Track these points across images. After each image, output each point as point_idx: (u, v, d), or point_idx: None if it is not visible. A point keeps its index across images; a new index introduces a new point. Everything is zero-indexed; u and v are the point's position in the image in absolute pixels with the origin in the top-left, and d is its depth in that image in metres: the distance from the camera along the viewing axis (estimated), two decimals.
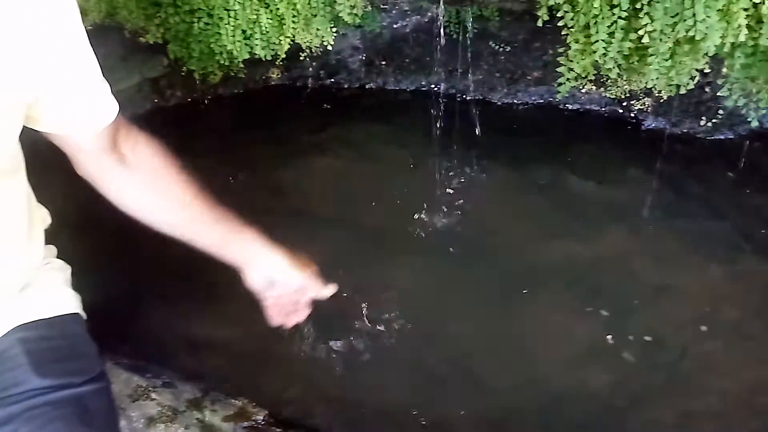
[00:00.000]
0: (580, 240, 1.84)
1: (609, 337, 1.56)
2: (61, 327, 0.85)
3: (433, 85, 2.40)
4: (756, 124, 1.80)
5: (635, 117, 2.16)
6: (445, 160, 2.11)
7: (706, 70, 1.61)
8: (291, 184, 2.06)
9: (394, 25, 2.31)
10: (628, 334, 1.55)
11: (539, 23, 1.63)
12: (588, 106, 2.23)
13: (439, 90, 2.36)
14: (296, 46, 1.95)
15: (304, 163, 2.15)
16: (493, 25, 2.22)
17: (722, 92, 1.70)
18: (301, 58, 2.10)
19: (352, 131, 2.28)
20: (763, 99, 1.67)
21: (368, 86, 2.45)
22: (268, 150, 2.20)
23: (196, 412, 1.27)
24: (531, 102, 2.32)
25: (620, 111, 2.17)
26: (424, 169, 2.09)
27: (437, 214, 1.93)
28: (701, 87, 1.90)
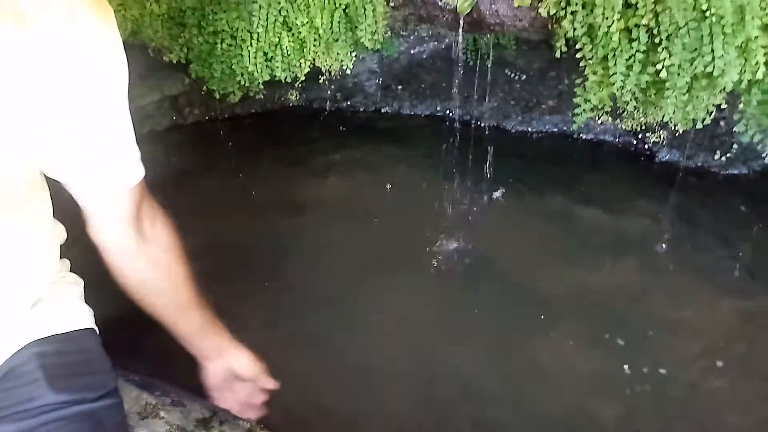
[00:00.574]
0: (591, 270, 1.83)
1: (620, 369, 1.54)
2: (76, 342, 0.86)
3: (448, 111, 2.43)
4: None
5: (649, 149, 2.17)
6: (458, 186, 2.12)
7: (723, 106, 1.62)
8: (304, 205, 2.07)
9: (412, 51, 2.34)
10: (639, 367, 1.54)
11: (557, 54, 1.66)
12: (602, 137, 2.24)
13: (454, 116, 2.38)
14: (316, 69, 1.99)
15: (319, 184, 2.17)
16: (509, 54, 2.24)
17: (738, 128, 1.70)
18: (320, 81, 2.13)
19: (367, 154, 2.29)
20: None
21: (384, 110, 2.47)
22: (283, 170, 2.22)
23: None
24: (545, 130, 2.34)
25: (634, 142, 2.18)
26: (437, 194, 2.10)
27: (449, 240, 1.94)
28: (716, 121, 1.90)
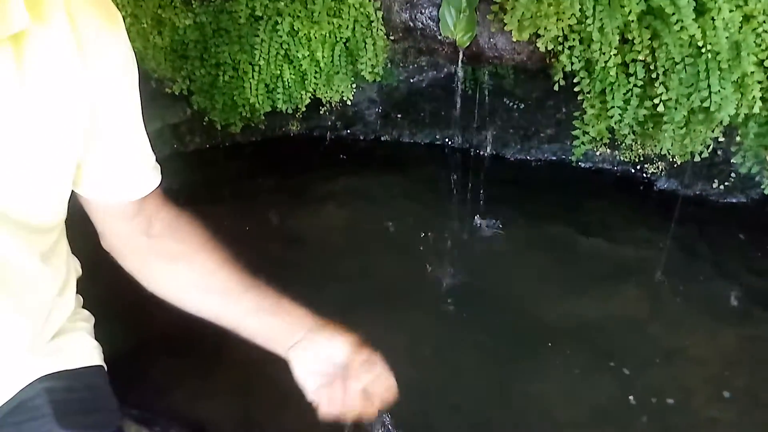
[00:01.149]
0: (592, 299, 1.84)
1: (625, 399, 1.55)
2: (85, 379, 0.87)
3: (447, 140, 2.45)
4: None
5: (648, 178, 2.19)
6: (457, 214, 2.13)
7: (720, 139, 1.64)
8: (304, 234, 2.07)
9: (411, 80, 2.36)
10: (645, 397, 1.54)
11: (555, 87, 1.68)
12: (601, 165, 2.26)
13: (453, 144, 2.40)
14: (316, 100, 2.01)
15: (318, 212, 2.18)
16: (507, 83, 2.27)
17: (736, 159, 1.72)
18: (321, 112, 2.15)
19: (367, 182, 2.31)
20: None
21: (384, 138, 2.49)
22: (283, 198, 2.23)
23: None
24: (544, 159, 2.36)
25: (633, 171, 2.20)
26: (436, 223, 2.11)
27: (448, 268, 1.94)
28: (714, 150, 1.92)
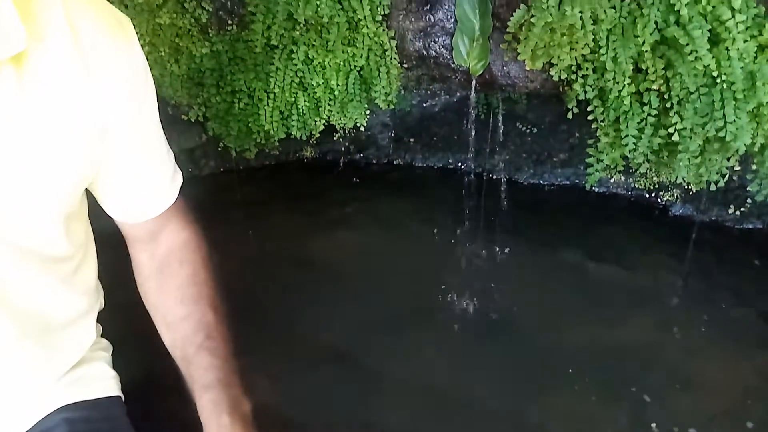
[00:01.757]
0: (608, 325, 1.82)
1: (641, 427, 1.52)
2: (104, 410, 0.87)
3: (460, 163, 2.45)
4: None
5: (663, 203, 2.17)
6: (470, 238, 2.13)
7: (736, 167, 1.63)
8: (317, 257, 2.08)
9: (424, 104, 2.37)
10: (661, 424, 1.52)
11: (568, 115, 1.68)
12: (615, 190, 2.25)
13: (466, 168, 2.40)
14: (330, 126, 2.02)
15: (331, 235, 2.18)
16: (520, 108, 2.27)
17: (752, 187, 1.71)
18: (334, 137, 2.16)
19: (380, 206, 2.31)
20: None
21: (396, 162, 2.50)
22: (297, 222, 2.24)
23: None
24: (557, 183, 2.35)
25: (648, 196, 2.19)
26: (449, 246, 2.11)
27: (461, 293, 1.94)
28: (730, 176, 1.91)
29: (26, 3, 0.60)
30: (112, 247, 0.86)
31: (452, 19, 1.77)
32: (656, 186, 2.09)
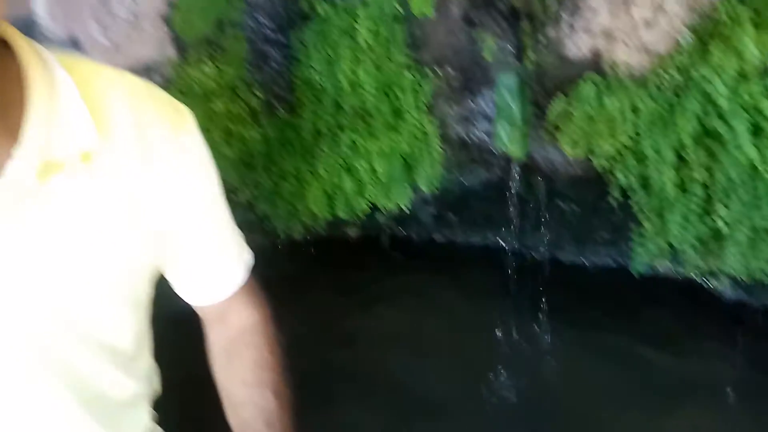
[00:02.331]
0: (655, 414, 1.75)
1: None
2: None
3: (501, 241, 2.45)
4: None
5: (713, 287, 2.11)
6: (510, 318, 2.10)
7: None
8: (355, 335, 2.08)
9: (465, 182, 2.41)
10: None
11: (611, 201, 1.69)
12: (662, 273, 2.20)
13: (507, 246, 2.40)
14: (374, 206, 2.07)
15: (371, 313, 2.19)
16: (561, 186, 2.28)
17: None
18: (377, 216, 2.20)
19: (420, 283, 2.31)
20: None
21: (437, 239, 2.52)
22: (337, 298, 2.25)
23: None
24: (601, 263, 2.32)
25: (697, 280, 2.13)
26: (491, 327, 2.08)
27: (503, 377, 1.90)
28: None
29: (94, 99, 0.62)
30: (174, 331, 0.89)
31: (493, 106, 1.83)
32: (705, 270, 2.04)
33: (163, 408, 0.98)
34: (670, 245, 1.63)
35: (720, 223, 1.48)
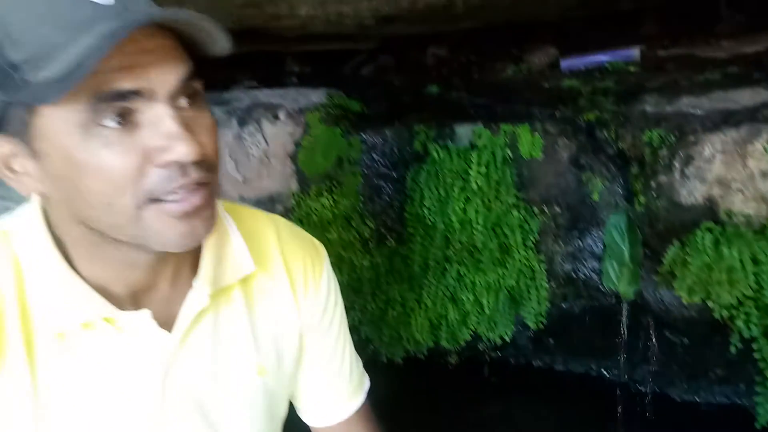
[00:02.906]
0: None
1: None
2: None
3: (604, 371, 2.37)
4: None
5: None
6: None
7: None
8: None
9: (565, 306, 2.38)
10: None
11: (731, 350, 1.62)
12: None
13: (610, 377, 2.31)
14: (475, 333, 2.09)
15: None
16: (670, 315, 2.21)
17: None
18: (478, 346, 2.21)
19: (516, 411, 2.26)
20: None
21: (535, 364, 2.47)
22: (431, 422, 2.23)
23: None
24: (715, 402, 2.19)
25: None
26: None
27: None
28: None
29: (251, 237, 0.74)
30: None
31: (601, 245, 1.84)
32: None
33: None
34: None
35: None
